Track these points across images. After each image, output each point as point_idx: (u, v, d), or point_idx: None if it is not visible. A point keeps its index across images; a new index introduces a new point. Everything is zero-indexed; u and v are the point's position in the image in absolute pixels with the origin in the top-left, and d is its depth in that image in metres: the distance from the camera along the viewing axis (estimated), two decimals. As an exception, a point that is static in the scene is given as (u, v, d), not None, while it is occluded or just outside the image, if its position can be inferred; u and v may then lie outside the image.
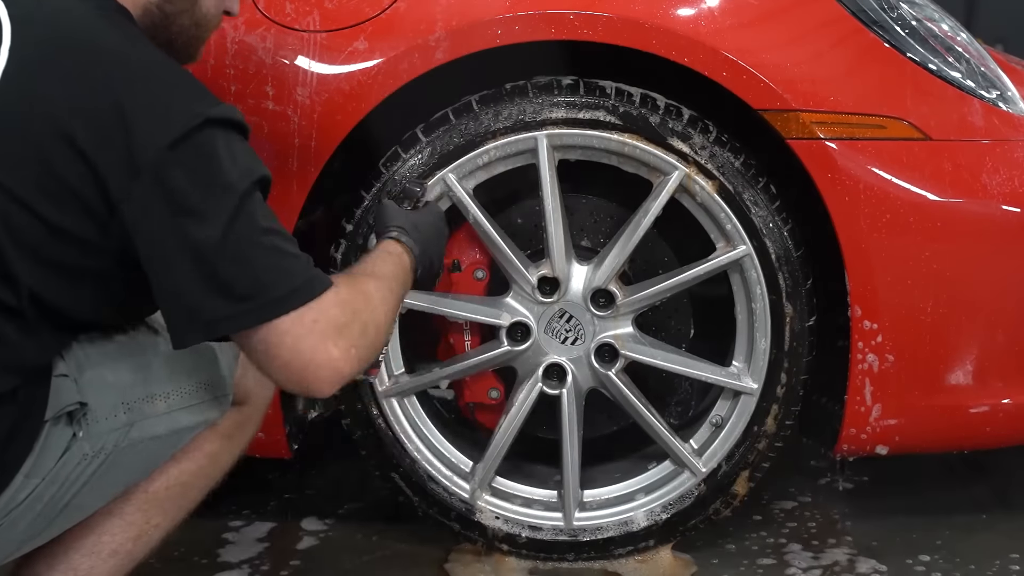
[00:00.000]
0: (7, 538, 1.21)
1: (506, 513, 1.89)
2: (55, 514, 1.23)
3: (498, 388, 1.92)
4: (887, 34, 1.75)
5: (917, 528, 2.05)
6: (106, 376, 1.24)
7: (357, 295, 1.28)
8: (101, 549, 1.31)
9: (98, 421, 1.22)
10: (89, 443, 1.21)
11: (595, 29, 1.67)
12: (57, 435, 1.20)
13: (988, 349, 1.79)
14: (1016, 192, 1.74)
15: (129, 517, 1.33)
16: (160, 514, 1.35)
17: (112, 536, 1.32)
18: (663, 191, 1.74)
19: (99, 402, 1.23)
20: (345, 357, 1.21)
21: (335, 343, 1.20)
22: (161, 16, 1.30)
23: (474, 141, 1.74)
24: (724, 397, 1.86)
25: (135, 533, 1.33)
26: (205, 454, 1.37)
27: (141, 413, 1.27)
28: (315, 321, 1.18)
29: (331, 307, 1.21)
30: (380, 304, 1.32)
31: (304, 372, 1.19)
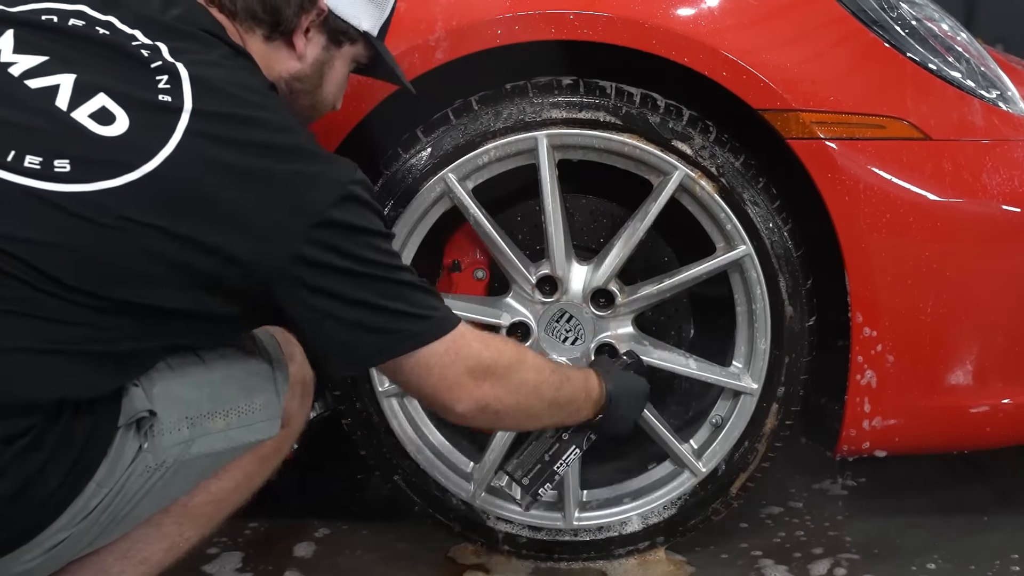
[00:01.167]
0: (72, 547, 1.25)
1: (506, 513, 1.89)
2: (114, 524, 1.28)
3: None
4: (887, 34, 1.75)
5: (917, 528, 2.05)
6: (173, 389, 1.29)
7: (509, 346, 1.46)
8: (133, 555, 1.35)
9: (163, 434, 1.27)
10: (153, 455, 1.27)
11: (595, 29, 1.67)
12: (128, 444, 1.24)
13: (988, 349, 1.79)
14: (1016, 192, 1.74)
15: (165, 528, 1.37)
16: (194, 528, 1.40)
17: (146, 544, 1.36)
18: (663, 191, 1.74)
19: (166, 413, 1.28)
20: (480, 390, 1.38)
21: (473, 375, 1.37)
22: (287, 91, 1.44)
23: (474, 141, 1.74)
24: (724, 397, 1.86)
25: (168, 544, 1.37)
26: (244, 474, 1.42)
27: (202, 429, 1.31)
28: (457, 352, 1.34)
29: (473, 342, 1.37)
30: (535, 371, 1.47)
31: (445, 396, 1.37)
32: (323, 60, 1.46)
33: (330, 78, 1.49)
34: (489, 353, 1.39)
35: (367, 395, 1.84)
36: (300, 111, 1.46)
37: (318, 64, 1.46)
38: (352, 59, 1.51)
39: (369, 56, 1.51)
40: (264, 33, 1.40)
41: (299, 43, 1.42)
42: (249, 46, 1.40)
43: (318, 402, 1.96)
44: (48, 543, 1.21)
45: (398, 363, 1.33)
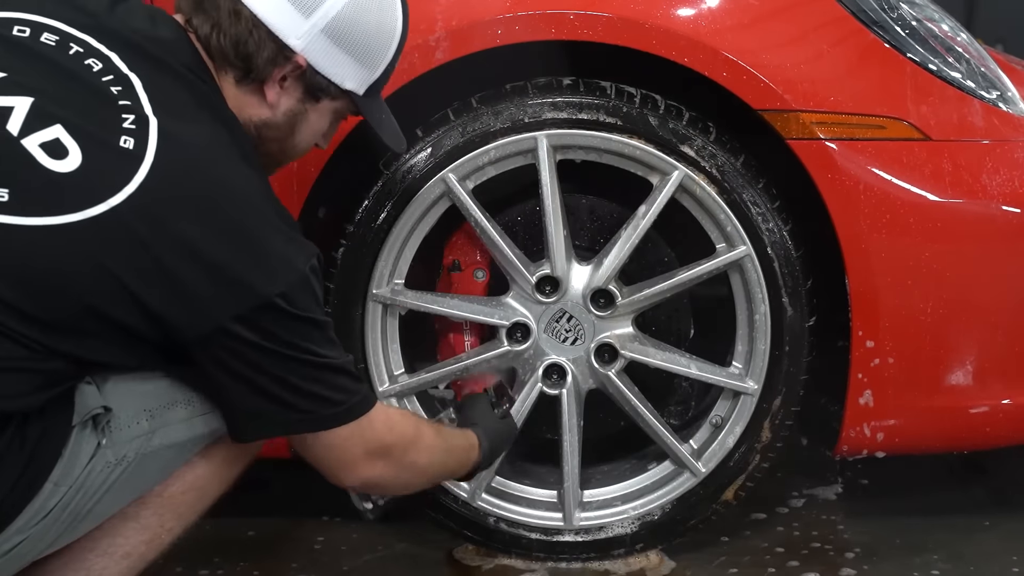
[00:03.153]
0: (32, 547, 1.23)
1: (506, 513, 1.88)
2: (77, 521, 1.25)
3: (498, 388, 1.92)
4: (887, 34, 1.75)
5: (917, 528, 2.05)
6: (128, 383, 1.27)
7: (409, 428, 1.49)
8: (115, 551, 1.34)
9: (121, 428, 1.25)
10: (112, 451, 1.24)
11: (595, 29, 1.67)
12: (84, 442, 1.22)
13: (988, 350, 1.79)
14: (1016, 192, 1.74)
15: (144, 521, 1.35)
16: (174, 518, 1.37)
17: (126, 539, 1.34)
18: (663, 191, 1.74)
19: (122, 407, 1.25)
20: (371, 470, 1.42)
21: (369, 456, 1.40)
22: (256, 136, 1.39)
23: (474, 141, 1.74)
24: (724, 397, 1.86)
25: (148, 536, 1.36)
26: (222, 459, 1.39)
27: (163, 420, 1.29)
28: (361, 435, 1.37)
29: (378, 425, 1.40)
30: (427, 452, 1.52)
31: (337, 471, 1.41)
32: (296, 112, 1.40)
33: (303, 129, 1.43)
34: (391, 437, 1.43)
35: (367, 395, 1.84)
36: (267, 155, 1.42)
37: (290, 115, 1.40)
38: (333, 112, 1.44)
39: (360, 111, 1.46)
40: (236, 77, 1.35)
41: (271, 93, 1.36)
42: (222, 85, 1.35)
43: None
44: (4, 546, 1.19)
45: (302, 437, 1.36)
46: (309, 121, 1.42)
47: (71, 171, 1.14)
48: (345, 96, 1.42)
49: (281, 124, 1.40)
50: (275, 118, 1.39)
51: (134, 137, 1.18)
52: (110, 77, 1.21)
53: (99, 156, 1.16)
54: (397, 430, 1.45)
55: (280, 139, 1.42)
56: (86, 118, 1.17)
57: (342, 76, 1.39)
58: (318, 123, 1.44)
